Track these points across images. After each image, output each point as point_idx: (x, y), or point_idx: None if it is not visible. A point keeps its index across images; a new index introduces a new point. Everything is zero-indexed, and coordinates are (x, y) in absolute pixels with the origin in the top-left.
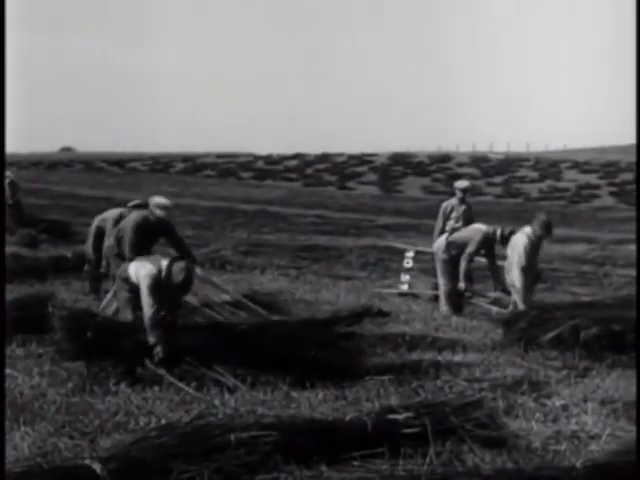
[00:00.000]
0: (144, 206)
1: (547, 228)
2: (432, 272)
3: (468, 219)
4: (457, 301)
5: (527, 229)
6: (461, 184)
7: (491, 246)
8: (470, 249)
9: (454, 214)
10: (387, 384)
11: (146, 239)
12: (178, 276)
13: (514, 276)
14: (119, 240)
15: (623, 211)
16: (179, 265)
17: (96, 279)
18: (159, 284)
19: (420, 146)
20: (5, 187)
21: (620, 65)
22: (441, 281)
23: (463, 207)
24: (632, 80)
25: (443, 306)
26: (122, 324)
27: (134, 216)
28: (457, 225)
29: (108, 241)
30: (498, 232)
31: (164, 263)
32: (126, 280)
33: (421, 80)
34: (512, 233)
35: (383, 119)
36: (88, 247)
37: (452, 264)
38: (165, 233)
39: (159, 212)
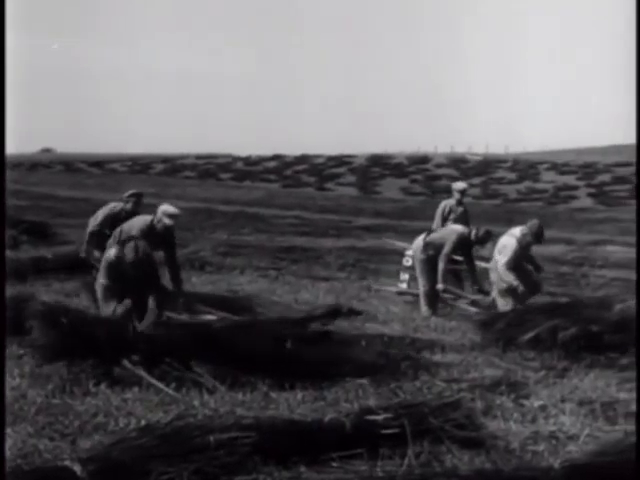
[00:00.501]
0: (139, 195)
1: (538, 236)
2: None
3: (465, 221)
4: (435, 302)
5: (516, 232)
6: (459, 186)
7: (467, 247)
8: (446, 250)
9: (452, 215)
10: (366, 385)
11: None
12: (130, 255)
13: (506, 277)
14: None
15: (601, 212)
16: (130, 245)
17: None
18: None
19: (398, 147)
20: None
21: (602, 67)
22: (420, 282)
23: (460, 208)
24: (612, 82)
25: (423, 307)
26: (98, 316)
27: (139, 223)
28: None
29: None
30: (473, 233)
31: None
32: None
33: (399, 81)
34: (488, 234)
35: (362, 121)
36: (89, 253)
37: (430, 265)
38: (166, 246)
39: (167, 221)
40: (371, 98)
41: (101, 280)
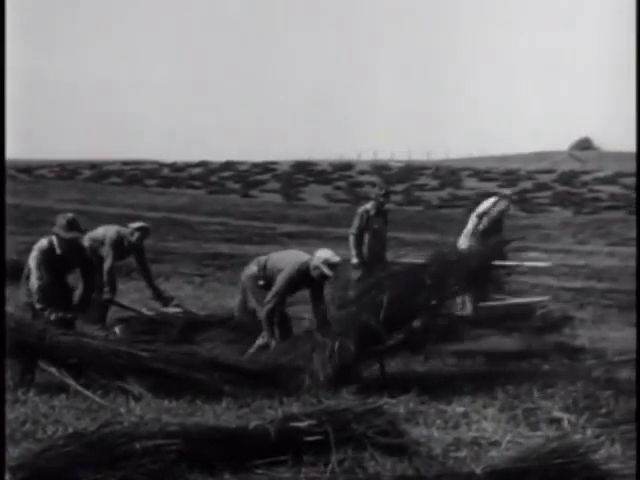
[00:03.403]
0: (146, 230)
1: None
2: None
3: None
4: None
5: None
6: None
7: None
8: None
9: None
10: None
11: None
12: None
13: None
14: None
15: (523, 219)
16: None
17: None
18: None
19: (322, 154)
20: None
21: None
22: None
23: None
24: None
25: None
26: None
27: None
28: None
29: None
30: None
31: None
32: None
33: (321, 89)
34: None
35: (285, 128)
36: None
37: None
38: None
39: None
40: (293, 105)
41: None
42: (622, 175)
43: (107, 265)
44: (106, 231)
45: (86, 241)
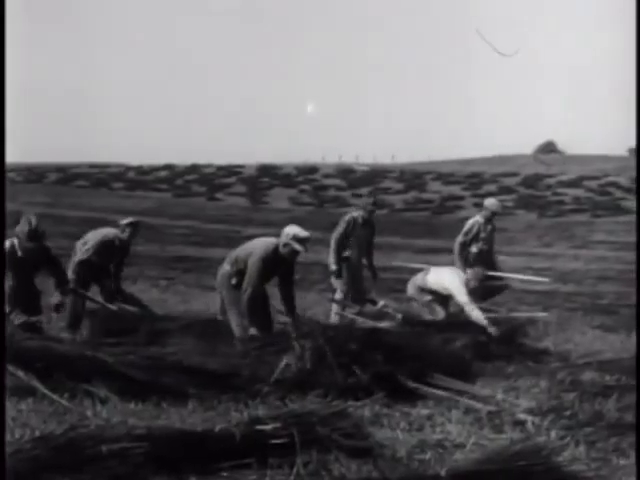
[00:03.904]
0: (136, 225)
1: (481, 282)
2: None
3: (491, 242)
4: None
5: (458, 271)
6: (491, 204)
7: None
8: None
9: (482, 235)
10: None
11: None
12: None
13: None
14: None
15: None
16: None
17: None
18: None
19: (287, 158)
20: None
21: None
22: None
23: (490, 227)
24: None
25: None
26: None
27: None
28: (484, 247)
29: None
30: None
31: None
32: None
33: (285, 92)
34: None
35: (250, 131)
36: (78, 283)
37: None
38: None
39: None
40: (259, 108)
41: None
42: (586, 178)
43: (79, 258)
44: (94, 235)
45: (79, 245)
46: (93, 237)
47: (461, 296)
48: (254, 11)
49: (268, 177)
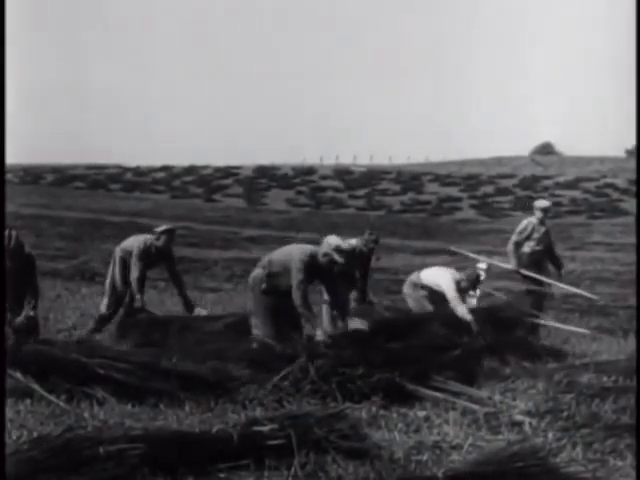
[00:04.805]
0: (172, 232)
1: (475, 284)
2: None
3: (548, 241)
4: None
5: (452, 270)
6: (542, 204)
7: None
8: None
9: (535, 235)
10: (253, 395)
11: None
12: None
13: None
14: None
15: (484, 223)
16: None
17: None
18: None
19: (284, 159)
20: None
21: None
22: None
23: (543, 228)
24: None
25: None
26: None
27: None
28: (537, 248)
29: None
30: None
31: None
32: None
33: (284, 92)
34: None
35: (247, 132)
36: (116, 280)
37: None
38: (166, 262)
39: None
40: (257, 109)
41: None
42: (583, 180)
43: (134, 275)
44: (134, 241)
45: (118, 252)
46: (134, 246)
47: (450, 292)
48: (249, 11)
49: (265, 178)
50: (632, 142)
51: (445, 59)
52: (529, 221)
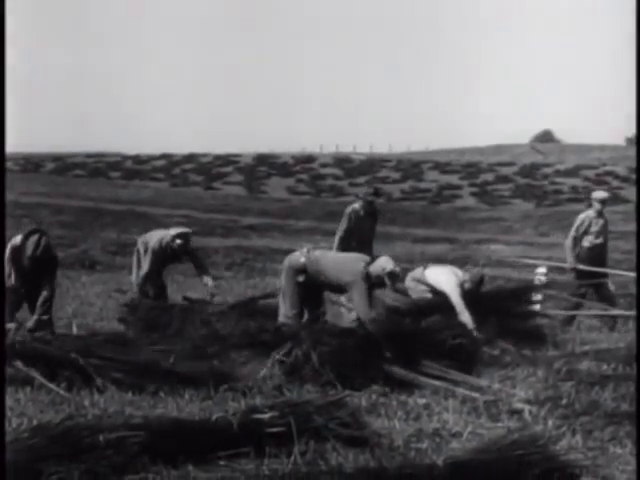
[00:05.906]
0: (188, 236)
1: (478, 285)
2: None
3: (605, 235)
4: None
5: (457, 271)
6: (600, 195)
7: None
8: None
9: (594, 228)
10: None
11: None
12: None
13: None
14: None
15: (484, 211)
16: (33, 239)
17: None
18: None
19: (284, 147)
20: None
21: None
22: None
23: (601, 221)
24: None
25: None
26: None
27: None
28: (597, 241)
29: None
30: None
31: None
32: None
33: (285, 81)
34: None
35: (248, 119)
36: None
37: None
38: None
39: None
40: (257, 97)
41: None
42: (583, 167)
43: (144, 269)
44: (153, 236)
45: (139, 243)
46: (150, 244)
47: (454, 296)
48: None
49: (265, 166)
50: (632, 130)
51: (446, 47)
52: (586, 214)
